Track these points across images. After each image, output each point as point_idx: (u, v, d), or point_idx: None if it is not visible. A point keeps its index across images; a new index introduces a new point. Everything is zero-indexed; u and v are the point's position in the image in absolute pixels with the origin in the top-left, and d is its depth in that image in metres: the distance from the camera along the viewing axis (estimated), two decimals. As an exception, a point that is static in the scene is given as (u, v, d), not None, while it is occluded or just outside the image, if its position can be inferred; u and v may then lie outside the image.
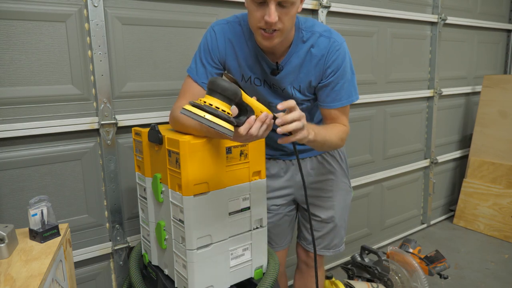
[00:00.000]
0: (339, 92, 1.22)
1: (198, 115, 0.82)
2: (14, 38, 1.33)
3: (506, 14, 3.38)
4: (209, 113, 0.82)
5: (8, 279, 0.86)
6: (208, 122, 0.82)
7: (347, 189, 1.49)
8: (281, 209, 1.47)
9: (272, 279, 1.20)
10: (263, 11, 1.03)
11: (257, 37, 1.11)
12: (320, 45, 1.19)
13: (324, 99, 1.24)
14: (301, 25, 1.19)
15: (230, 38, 1.22)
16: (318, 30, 1.20)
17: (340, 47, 1.20)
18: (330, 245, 1.49)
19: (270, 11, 1.01)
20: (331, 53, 1.19)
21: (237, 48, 1.22)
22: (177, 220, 1.12)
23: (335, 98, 1.23)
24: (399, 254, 1.86)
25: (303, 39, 1.19)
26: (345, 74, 1.22)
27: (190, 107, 0.84)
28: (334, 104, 1.23)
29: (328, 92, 1.23)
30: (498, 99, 2.95)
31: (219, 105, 0.84)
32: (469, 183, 3.03)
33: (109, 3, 1.49)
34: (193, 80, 1.24)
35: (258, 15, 1.05)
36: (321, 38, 1.19)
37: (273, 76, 1.23)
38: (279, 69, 1.21)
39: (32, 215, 1.04)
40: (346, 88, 1.23)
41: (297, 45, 1.20)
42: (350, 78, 1.24)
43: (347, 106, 1.26)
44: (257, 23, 1.06)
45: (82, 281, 1.58)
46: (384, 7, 2.42)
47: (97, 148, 1.55)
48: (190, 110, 0.83)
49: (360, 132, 2.47)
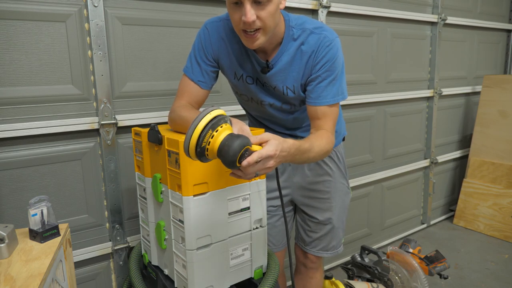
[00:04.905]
0: (325, 89, 1.17)
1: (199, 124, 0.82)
2: (14, 38, 1.33)
3: (506, 14, 3.38)
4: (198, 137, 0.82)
5: (8, 279, 0.86)
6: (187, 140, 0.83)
7: (345, 190, 1.48)
8: (278, 210, 1.46)
9: (273, 279, 1.20)
10: (240, 12, 1.03)
11: (242, 39, 1.11)
12: (310, 41, 1.16)
13: (308, 95, 1.19)
14: (292, 23, 1.18)
15: (223, 36, 1.22)
16: (309, 27, 1.17)
17: (331, 43, 1.15)
18: (328, 246, 1.49)
19: (246, 11, 1.00)
20: (321, 49, 1.15)
21: (229, 46, 1.23)
22: (177, 220, 1.12)
23: (320, 94, 1.17)
24: (399, 254, 1.86)
25: (293, 36, 1.18)
26: (334, 71, 1.17)
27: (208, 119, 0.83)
28: (318, 101, 1.17)
29: (313, 87, 1.18)
30: (498, 99, 2.95)
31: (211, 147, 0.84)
32: (469, 183, 3.03)
33: (109, 3, 1.49)
34: (189, 79, 1.24)
35: (236, 17, 1.04)
36: (311, 35, 1.16)
37: (263, 74, 1.23)
38: (269, 67, 1.21)
39: (32, 215, 1.04)
40: (333, 85, 1.17)
41: (288, 43, 1.18)
42: (339, 77, 1.18)
43: (333, 106, 1.19)
44: (238, 25, 1.06)
45: (82, 281, 1.58)
46: (384, 7, 2.42)
47: (97, 148, 1.55)
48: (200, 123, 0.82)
49: (360, 132, 2.47)
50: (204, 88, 1.25)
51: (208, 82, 1.25)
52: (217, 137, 0.84)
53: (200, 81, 1.23)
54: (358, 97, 2.37)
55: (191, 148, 0.83)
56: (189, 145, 0.83)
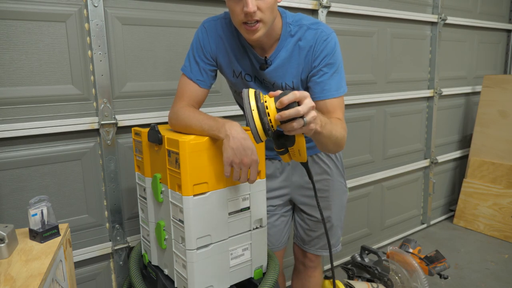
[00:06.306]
0: (327, 83, 1.18)
1: (250, 104, 0.84)
2: (14, 38, 1.33)
3: (506, 14, 3.38)
4: (258, 112, 0.84)
5: (8, 279, 0.86)
6: (250, 118, 0.84)
7: (343, 189, 1.49)
8: (277, 210, 1.47)
9: (273, 279, 1.20)
10: (241, 4, 1.04)
11: (242, 32, 1.12)
12: (307, 37, 1.18)
13: (312, 90, 1.21)
14: (289, 19, 1.20)
15: (221, 34, 1.23)
16: (306, 23, 1.19)
17: (327, 37, 1.17)
18: (327, 245, 1.49)
19: (247, 1, 1.02)
20: (319, 43, 1.17)
21: (227, 44, 1.23)
22: (177, 220, 1.12)
23: (324, 88, 1.18)
24: (399, 254, 1.86)
25: (291, 33, 1.20)
26: (334, 64, 1.18)
27: (252, 94, 0.86)
28: (323, 94, 1.18)
29: (316, 81, 1.19)
30: (498, 99, 2.95)
31: (272, 114, 0.86)
32: (469, 183, 3.03)
33: (109, 3, 1.49)
34: (188, 78, 1.24)
35: (238, 9, 1.06)
36: (308, 31, 1.18)
37: (262, 71, 1.23)
38: (267, 64, 1.22)
39: (32, 215, 1.04)
40: (335, 78, 1.19)
41: (285, 39, 1.20)
42: (339, 70, 1.20)
43: (340, 99, 1.21)
44: (239, 18, 1.07)
45: (82, 281, 1.58)
46: (384, 7, 2.42)
47: (97, 148, 1.55)
48: (250, 96, 0.85)
49: (360, 132, 2.47)
50: (203, 87, 1.25)
51: (207, 81, 1.25)
52: (269, 102, 0.87)
53: (199, 80, 1.23)
54: (358, 97, 2.37)
55: (257, 125, 0.85)
56: (255, 124, 0.85)
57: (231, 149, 1.00)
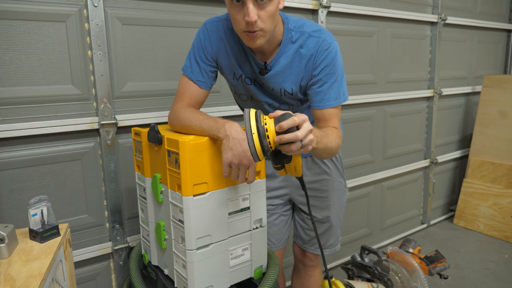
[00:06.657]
0: (327, 92, 1.19)
1: (251, 125, 0.86)
2: (14, 38, 1.33)
3: (506, 14, 3.38)
4: (258, 135, 0.86)
5: (8, 279, 0.86)
6: (251, 140, 0.86)
7: (343, 189, 1.49)
8: (277, 209, 1.47)
9: (273, 279, 1.20)
10: (242, 12, 1.03)
11: (243, 39, 1.11)
12: (309, 45, 1.17)
13: (312, 99, 1.22)
14: (291, 25, 1.19)
15: (222, 36, 1.22)
16: (308, 30, 1.18)
17: (329, 46, 1.17)
18: (326, 244, 1.50)
19: (248, 10, 1.01)
20: (320, 52, 1.17)
21: (228, 46, 1.23)
22: (177, 220, 1.12)
23: (323, 97, 1.19)
24: (399, 254, 1.86)
25: (292, 39, 1.19)
26: (334, 73, 1.19)
27: (253, 115, 0.87)
28: (322, 104, 1.19)
29: (315, 90, 1.20)
30: (498, 99, 2.95)
31: (271, 136, 0.87)
32: (469, 183, 3.03)
33: (109, 3, 1.49)
34: (188, 78, 1.24)
35: (239, 17, 1.05)
36: (310, 39, 1.17)
37: (261, 75, 1.23)
38: (267, 69, 1.21)
39: (32, 215, 1.04)
40: (334, 88, 1.19)
41: (286, 46, 1.19)
42: (339, 79, 1.20)
43: (338, 107, 1.22)
44: (239, 26, 1.07)
45: (82, 281, 1.58)
46: (384, 7, 2.42)
47: (97, 148, 1.55)
48: (250, 117, 0.87)
49: (360, 132, 2.47)
50: (204, 88, 1.25)
51: (208, 82, 1.25)
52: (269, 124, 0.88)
53: (199, 81, 1.23)
54: (358, 97, 2.37)
55: (257, 147, 0.87)
56: (254, 146, 0.87)
57: (230, 149, 1.00)
